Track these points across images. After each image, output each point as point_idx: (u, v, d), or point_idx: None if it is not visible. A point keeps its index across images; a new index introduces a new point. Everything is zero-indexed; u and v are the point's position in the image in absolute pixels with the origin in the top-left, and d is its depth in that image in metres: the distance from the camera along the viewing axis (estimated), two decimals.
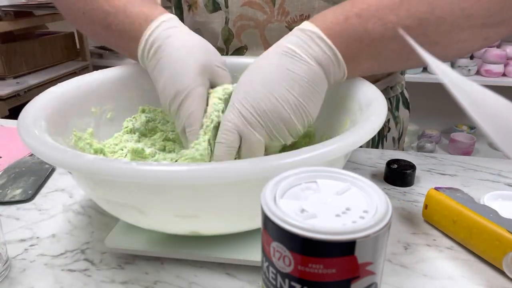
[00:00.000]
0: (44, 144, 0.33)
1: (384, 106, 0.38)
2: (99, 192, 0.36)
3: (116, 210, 0.36)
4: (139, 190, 0.32)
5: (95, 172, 0.29)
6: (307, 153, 0.30)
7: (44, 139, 0.34)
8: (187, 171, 0.29)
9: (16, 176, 0.53)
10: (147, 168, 0.29)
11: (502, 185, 0.51)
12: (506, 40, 2.05)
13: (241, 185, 0.31)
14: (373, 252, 0.20)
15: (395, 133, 0.70)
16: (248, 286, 0.36)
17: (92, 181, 0.34)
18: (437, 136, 2.30)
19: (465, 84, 0.20)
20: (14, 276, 0.37)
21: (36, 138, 0.34)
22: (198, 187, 0.31)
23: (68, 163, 0.30)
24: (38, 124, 0.37)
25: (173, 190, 0.32)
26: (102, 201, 0.36)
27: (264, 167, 0.29)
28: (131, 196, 0.33)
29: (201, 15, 0.60)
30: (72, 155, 0.31)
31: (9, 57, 1.73)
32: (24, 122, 0.36)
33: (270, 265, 0.22)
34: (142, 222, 0.36)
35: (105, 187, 0.34)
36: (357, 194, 0.23)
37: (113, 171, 0.29)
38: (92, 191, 0.36)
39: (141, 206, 0.33)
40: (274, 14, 0.55)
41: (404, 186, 0.51)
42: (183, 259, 0.38)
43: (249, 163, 0.29)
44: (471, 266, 0.38)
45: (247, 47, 0.60)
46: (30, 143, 0.33)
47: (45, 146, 0.32)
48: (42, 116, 0.38)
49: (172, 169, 0.29)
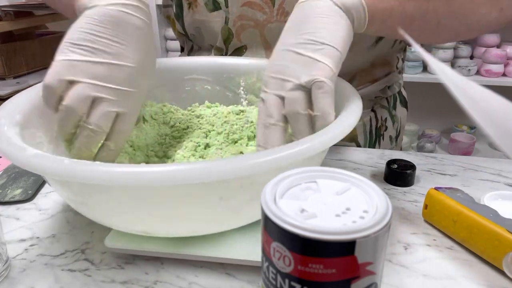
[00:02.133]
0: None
1: (359, 106, 0.38)
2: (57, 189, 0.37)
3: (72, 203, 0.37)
4: (79, 187, 0.33)
5: (33, 168, 0.30)
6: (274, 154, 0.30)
7: (4, 133, 0.34)
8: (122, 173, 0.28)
9: (16, 176, 0.53)
10: (79, 168, 0.29)
11: (502, 185, 0.51)
12: (506, 40, 2.05)
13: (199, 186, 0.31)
14: (373, 252, 0.20)
15: (392, 132, 0.71)
16: (248, 286, 0.36)
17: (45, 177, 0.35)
18: (437, 136, 2.30)
19: (465, 84, 0.20)
20: (14, 276, 0.37)
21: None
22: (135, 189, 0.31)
23: (10, 155, 0.31)
24: (13, 117, 0.38)
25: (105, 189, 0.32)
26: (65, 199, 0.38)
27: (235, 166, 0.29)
28: (73, 191, 0.34)
29: (201, 13, 0.60)
30: (16, 148, 0.32)
31: (9, 57, 1.73)
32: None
33: (270, 265, 0.22)
34: (95, 218, 0.37)
35: (51, 182, 0.35)
36: (357, 194, 0.23)
37: (47, 168, 0.29)
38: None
39: (87, 203, 0.34)
40: (274, 14, 0.55)
41: (404, 186, 0.51)
42: (183, 259, 0.38)
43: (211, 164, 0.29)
44: (471, 266, 0.38)
45: (246, 46, 0.60)
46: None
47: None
48: (17, 110, 0.39)
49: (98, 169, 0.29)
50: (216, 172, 0.28)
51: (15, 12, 1.72)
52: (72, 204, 0.37)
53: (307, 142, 0.32)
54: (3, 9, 1.67)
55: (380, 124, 0.68)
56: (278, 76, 0.37)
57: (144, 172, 0.28)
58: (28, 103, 0.41)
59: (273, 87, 0.37)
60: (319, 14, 0.37)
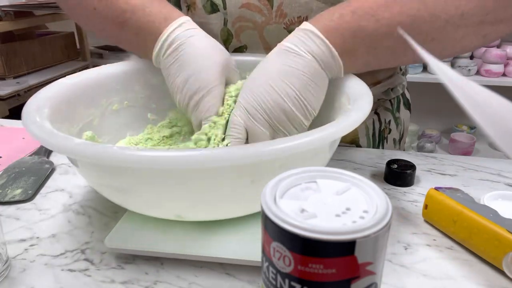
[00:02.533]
0: (39, 128, 0.35)
1: (369, 101, 0.40)
2: (91, 176, 0.38)
3: (107, 192, 0.39)
4: (124, 173, 0.34)
5: (80, 155, 0.32)
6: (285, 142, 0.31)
7: (41, 124, 0.36)
8: (165, 157, 0.30)
9: (16, 176, 0.53)
10: (129, 153, 0.30)
11: (502, 185, 0.51)
12: (506, 40, 2.05)
13: (217, 171, 0.33)
14: (373, 252, 0.20)
15: (396, 135, 0.70)
16: (248, 286, 0.36)
17: (81, 164, 0.37)
18: (437, 136, 2.30)
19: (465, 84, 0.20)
20: (14, 276, 0.37)
21: (34, 122, 0.36)
22: (176, 172, 0.33)
23: (57, 145, 0.33)
24: (41, 111, 0.39)
25: (153, 173, 0.34)
26: (95, 185, 0.39)
27: (243, 153, 0.31)
28: (117, 178, 0.35)
29: (200, 15, 0.60)
30: (63, 138, 0.33)
31: (9, 57, 1.73)
32: (27, 108, 0.39)
33: (270, 265, 0.22)
34: (130, 205, 0.39)
35: (92, 170, 0.36)
36: (357, 194, 0.23)
37: (97, 154, 0.31)
38: (87, 175, 0.39)
39: (126, 188, 0.36)
40: (273, 16, 0.55)
41: (404, 186, 0.51)
42: (183, 259, 0.38)
43: (225, 151, 0.31)
44: (471, 266, 0.38)
45: (246, 46, 0.60)
46: (27, 126, 0.36)
47: (39, 129, 0.35)
48: (46, 104, 0.41)
49: (153, 154, 0.30)
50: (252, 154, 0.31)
51: (15, 12, 1.72)
52: (107, 191, 0.39)
53: (329, 128, 0.34)
54: (3, 9, 1.67)
55: (384, 127, 0.67)
56: (268, 119, 0.41)
57: (188, 155, 0.30)
58: (53, 98, 0.42)
59: (262, 124, 0.42)
60: (309, 74, 0.41)
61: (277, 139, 0.32)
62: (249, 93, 0.42)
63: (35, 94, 0.42)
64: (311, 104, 0.42)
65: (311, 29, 0.42)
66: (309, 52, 0.41)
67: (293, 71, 0.41)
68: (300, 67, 0.41)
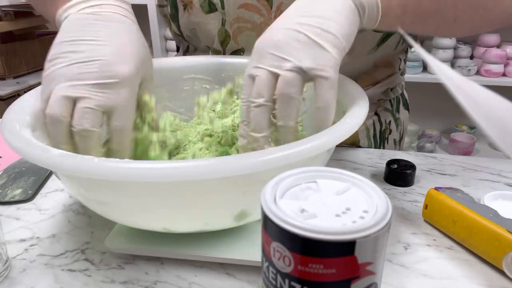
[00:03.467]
0: (16, 138, 0.33)
1: (365, 106, 0.38)
2: (73, 189, 0.36)
3: (90, 205, 0.37)
4: (106, 186, 0.32)
5: (58, 168, 0.30)
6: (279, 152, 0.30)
7: (19, 133, 0.34)
8: (142, 169, 0.28)
9: (16, 176, 0.53)
10: (110, 165, 0.28)
11: (502, 185, 0.51)
12: (506, 40, 2.05)
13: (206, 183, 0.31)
14: (373, 252, 0.20)
15: (396, 135, 0.70)
16: (248, 286, 0.36)
17: (62, 177, 0.35)
18: (437, 136, 2.30)
19: (465, 84, 0.20)
20: (14, 276, 0.37)
21: (11, 131, 0.34)
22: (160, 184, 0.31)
23: (34, 157, 0.31)
24: (22, 118, 0.37)
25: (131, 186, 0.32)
26: (78, 197, 0.37)
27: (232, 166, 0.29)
28: (100, 191, 0.34)
29: (197, 15, 0.59)
30: (40, 149, 0.31)
31: (9, 57, 1.73)
32: (7, 115, 0.37)
33: (270, 265, 0.22)
34: (115, 218, 0.37)
35: (73, 183, 0.35)
36: (357, 194, 0.23)
37: (76, 166, 0.29)
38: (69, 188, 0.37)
39: (110, 202, 0.34)
40: (272, 17, 0.54)
41: (404, 186, 0.51)
42: (183, 259, 0.38)
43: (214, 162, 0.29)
44: (471, 266, 0.38)
45: (244, 49, 0.59)
46: (4, 135, 0.34)
47: (16, 139, 0.33)
48: (28, 111, 0.39)
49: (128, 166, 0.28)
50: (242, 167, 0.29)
51: (15, 12, 1.72)
52: (89, 202, 0.37)
53: (322, 137, 0.32)
54: (3, 9, 1.67)
55: (385, 127, 0.67)
56: (276, 53, 0.35)
57: (172, 167, 0.28)
58: (35, 105, 0.40)
59: (268, 63, 0.35)
60: (330, 2, 0.36)
61: (269, 148, 0.30)
62: (262, 36, 0.37)
63: (16, 101, 0.40)
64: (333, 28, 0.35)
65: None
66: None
67: (309, 1, 0.37)
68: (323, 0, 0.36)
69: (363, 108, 0.38)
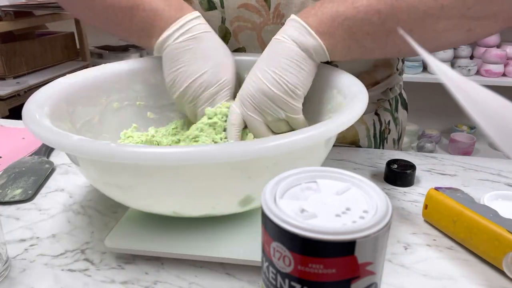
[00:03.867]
0: (39, 126, 0.35)
1: (365, 98, 0.40)
2: (91, 173, 0.38)
3: (106, 189, 0.38)
4: (122, 170, 0.34)
5: (78, 151, 0.32)
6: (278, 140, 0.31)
7: (41, 122, 0.36)
8: (162, 153, 0.30)
9: (16, 176, 0.53)
10: (128, 149, 0.30)
11: (502, 185, 0.51)
12: (506, 40, 2.05)
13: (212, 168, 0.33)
14: (373, 252, 0.20)
15: (395, 135, 0.70)
16: (248, 286, 0.36)
17: (81, 162, 0.36)
18: (437, 136, 2.30)
19: (465, 84, 0.20)
20: (14, 276, 0.37)
21: (33, 120, 0.36)
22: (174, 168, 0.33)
23: (57, 143, 0.33)
24: (41, 109, 0.39)
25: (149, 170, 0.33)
26: (95, 182, 0.39)
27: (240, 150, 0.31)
28: (116, 175, 0.35)
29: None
30: (62, 135, 0.33)
31: (9, 57, 1.73)
32: (28, 106, 0.39)
33: (270, 265, 0.22)
34: (128, 201, 0.39)
35: (92, 167, 0.36)
36: (357, 194, 0.23)
37: (96, 150, 0.31)
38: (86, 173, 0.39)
39: (125, 185, 0.36)
40: (270, 17, 0.55)
41: (404, 186, 0.51)
42: (183, 259, 0.38)
43: (219, 147, 0.31)
44: (471, 266, 0.38)
45: (245, 48, 0.59)
46: (27, 124, 0.36)
47: (39, 127, 0.35)
48: (46, 102, 0.41)
49: (148, 150, 0.30)
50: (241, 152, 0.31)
51: (15, 12, 1.72)
52: (104, 186, 0.38)
53: (324, 125, 0.34)
54: (3, 9, 1.67)
55: (384, 127, 0.67)
56: (260, 107, 0.45)
57: (185, 151, 0.30)
58: (53, 96, 0.42)
59: (253, 112, 0.46)
60: (288, 56, 0.44)
61: (271, 136, 0.32)
62: (244, 85, 0.47)
63: (35, 93, 0.42)
64: (291, 82, 0.44)
65: (292, 17, 0.45)
66: (289, 36, 0.44)
67: (274, 57, 0.44)
68: (280, 51, 0.44)
69: (362, 100, 0.39)
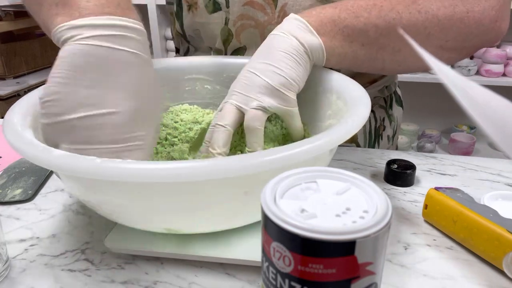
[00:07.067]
0: (20, 140, 0.33)
1: (368, 104, 0.39)
2: (73, 189, 0.36)
3: (92, 205, 0.37)
4: (108, 187, 0.32)
5: (60, 168, 0.30)
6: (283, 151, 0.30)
7: (21, 133, 0.34)
8: (145, 169, 0.28)
9: (16, 176, 0.53)
10: (113, 166, 0.28)
11: (502, 185, 0.51)
12: (506, 40, 2.05)
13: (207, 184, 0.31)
14: (373, 252, 0.20)
15: (390, 131, 0.71)
16: (248, 286, 0.36)
17: (63, 177, 0.35)
18: (437, 136, 2.30)
19: (465, 84, 0.20)
20: (14, 276, 0.37)
21: (13, 131, 0.34)
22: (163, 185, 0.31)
23: (36, 158, 0.30)
24: (24, 118, 0.37)
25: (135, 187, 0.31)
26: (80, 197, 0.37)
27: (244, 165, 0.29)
28: (102, 192, 0.33)
29: (201, 16, 0.59)
30: (42, 149, 0.31)
31: (9, 57, 1.73)
32: (9, 116, 0.37)
33: (270, 265, 0.22)
34: (116, 219, 0.37)
35: (75, 183, 0.34)
36: (357, 194, 0.23)
37: (77, 167, 0.29)
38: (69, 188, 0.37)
39: (111, 203, 0.34)
40: (275, 16, 0.55)
41: (404, 186, 0.51)
42: (183, 259, 0.38)
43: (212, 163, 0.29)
44: (471, 266, 0.38)
45: (246, 47, 0.59)
46: (5, 135, 0.33)
47: (17, 140, 0.33)
48: (30, 111, 0.38)
49: (132, 166, 0.28)
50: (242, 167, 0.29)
51: (15, 12, 1.72)
52: (89, 203, 0.36)
53: (324, 137, 0.32)
54: (3, 9, 1.67)
55: (379, 124, 0.68)
56: (244, 92, 0.42)
57: (175, 167, 0.28)
58: (36, 105, 0.39)
59: (236, 99, 0.42)
60: (285, 49, 0.43)
61: (271, 149, 0.30)
62: (237, 78, 0.45)
63: (18, 101, 0.40)
64: (283, 70, 0.42)
65: (292, 16, 0.45)
66: (288, 31, 0.44)
67: (268, 49, 0.44)
68: (276, 45, 0.43)
69: (365, 106, 0.38)
